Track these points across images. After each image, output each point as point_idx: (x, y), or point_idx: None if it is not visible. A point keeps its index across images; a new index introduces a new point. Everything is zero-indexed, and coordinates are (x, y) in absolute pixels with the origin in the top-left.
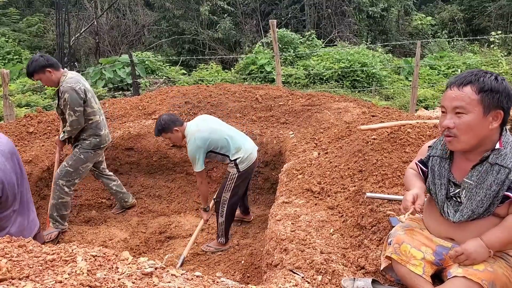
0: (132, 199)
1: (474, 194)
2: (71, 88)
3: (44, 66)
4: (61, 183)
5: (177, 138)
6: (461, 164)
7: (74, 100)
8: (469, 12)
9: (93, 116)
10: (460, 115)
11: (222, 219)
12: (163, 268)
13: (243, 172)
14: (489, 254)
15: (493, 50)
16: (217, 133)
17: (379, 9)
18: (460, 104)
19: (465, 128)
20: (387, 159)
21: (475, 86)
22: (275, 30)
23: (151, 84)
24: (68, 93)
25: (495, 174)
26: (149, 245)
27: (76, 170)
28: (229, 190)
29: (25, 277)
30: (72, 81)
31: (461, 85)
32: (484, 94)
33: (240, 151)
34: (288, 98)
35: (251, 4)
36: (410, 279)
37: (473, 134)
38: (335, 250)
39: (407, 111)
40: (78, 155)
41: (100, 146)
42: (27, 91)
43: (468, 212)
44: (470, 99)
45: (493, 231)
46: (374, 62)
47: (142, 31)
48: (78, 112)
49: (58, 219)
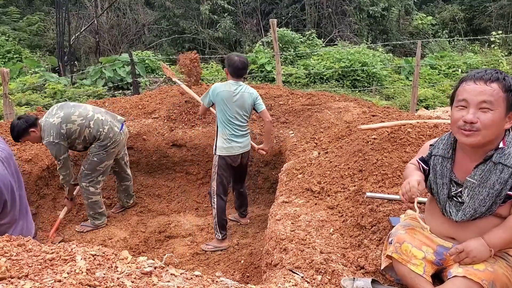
0: (134, 201)
1: (477, 193)
2: (49, 142)
3: (26, 128)
4: (84, 185)
5: None
6: (463, 164)
7: (57, 152)
8: (469, 12)
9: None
10: (486, 111)
11: (215, 211)
12: (163, 267)
13: (222, 159)
14: (490, 253)
15: (494, 50)
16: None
17: (380, 8)
18: (489, 99)
19: (489, 124)
20: (387, 158)
21: (502, 83)
22: (276, 29)
23: (151, 83)
24: (49, 147)
25: (498, 173)
26: (149, 245)
27: (94, 171)
28: (214, 178)
29: (24, 276)
30: (46, 134)
31: (489, 81)
32: (510, 93)
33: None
34: (288, 97)
35: (251, 3)
36: (411, 279)
37: (493, 130)
38: (334, 250)
39: (407, 111)
40: (91, 158)
41: (111, 147)
42: (27, 90)
43: (471, 211)
44: (498, 96)
45: (495, 230)
46: (374, 61)
47: (142, 30)
48: (63, 160)
49: (95, 216)
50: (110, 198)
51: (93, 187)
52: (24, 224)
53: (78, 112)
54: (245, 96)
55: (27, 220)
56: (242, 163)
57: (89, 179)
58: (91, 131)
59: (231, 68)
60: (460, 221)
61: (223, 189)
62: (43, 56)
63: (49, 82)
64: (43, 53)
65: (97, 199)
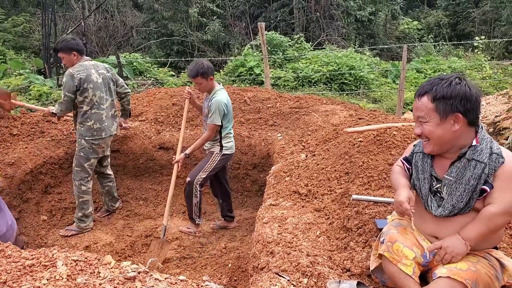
0: (120, 204)
1: (454, 189)
2: (69, 73)
3: (74, 49)
4: (77, 183)
5: (207, 86)
6: (440, 161)
7: (66, 85)
8: (453, 18)
9: (84, 105)
10: (423, 123)
11: (197, 200)
12: (147, 272)
13: (224, 157)
14: (466, 247)
15: (477, 55)
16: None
17: (367, 13)
18: (420, 114)
19: (428, 133)
20: (373, 161)
21: (430, 95)
22: (264, 32)
23: (139, 86)
24: (65, 78)
25: (472, 169)
26: (135, 249)
27: (83, 169)
28: (207, 170)
29: (2, 283)
30: (75, 68)
31: (420, 96)
32: (437, 102)
33: (230, 137)
34: (276, 100)
35: (240, 7)
36: (400, 279)
37: (436, 138)
38: (321, 253)
39: (394, 114)
40: (78, 153)
41: (95, 142)
42: (11, 92)
43: (449, 207)
44: (427, 108)
45: (470, 224)
46: (361, 65)
47: (131, 32)
48: (67, 98)
49: (81, 218)
50: (95, 201)
51: (85, 186)
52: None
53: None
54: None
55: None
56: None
57: (80, 176)
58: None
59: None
60: (440, 216)
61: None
62: (28, 57)
63: (34, 84)
64: (28, 54)
65: (87, 198)
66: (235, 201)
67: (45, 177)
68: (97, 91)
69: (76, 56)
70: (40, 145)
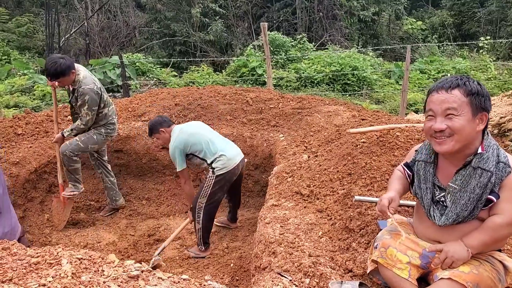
0: (123, 200)
1: (458, 198)
2: (91, 90)
3: (71, 67)
4: (69, 154)
5: (164, 138)
6: (445, 169)
7: (94, 101)
8: (458, 18)
9: (105, 108)
10: (452, 117)
11: (199, 226)
12: (150, 271)
13: (220, 177)
14: (468, 253)
15: (482, 55)
16: (195, 137)
17: (370, 13)
18: (452, 106)
19: (459, 128)
20: (376, 162)
21: (462, 89)
22: (267, 33)
23: (142, 86)
24: (89, 95)
25: (478, 178)
26: (138, 248)
27: (85, 147)
28: (205, 195)
29: (8, 280)
30: (89, 82)
31: (450, 88)
32: (472, 96)
33: (218, 156)
34: (278, 101)
35: (243, 7)
36: (396, 283)
37: (465, 135)
38: (323, 253)
39: (397, 115)
40: (92, 134)
41: (111, 134)
42: (15, 92)
43: (453, 216)
44: (461, 101)
45: (474, 232)
46: (365, 65)
47: (133, 32)
48: (94, 111)
49: (77, 179)
50: (99, 201)
51: (76, 157)
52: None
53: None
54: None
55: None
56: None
57: (76, 152)
58: (107, 112)
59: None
60: (443, 226)
61: (215, 206)
62: (32, 58)
63: (38, 84)
64: (32, 55)
65: (78, 166)
66: None
67: (49, 176)
68: (104, 90)
69: (74, 74)
70: (45, 145)
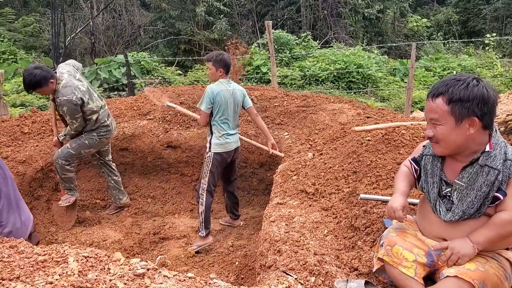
0: (127, 199)
1: (465, 195)
2: (67, 101)
3: (48, 77)
4: (61, 162)
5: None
6: (452, 165)
7: (73, 111)
8: (464, 15)
9: (92, 115)
10: (436, 126)
11: (203, 208)
12: (156, 269)
13: (218, 155)
14: (474, 250)
15: (488, 52)
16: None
17: (375, 10)
18: (434, 116)
19: (441, 137)
20: (381, 160)
21: (445, 97)
22: (271, 31)
23: (147, 85)
24: (66, 106)
25: (485, 176)
26: (143, 246)
27: (77, 154)
28: (206, 176)
29: (16, 278)
30: (67, 92)
31: (434, 97)
32: (453, 104)
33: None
34: (283, 99)
35: (247, 5)
36: (402, 281)
37: (450, 142)
38: (328, 252)
39: (402, 113)
40: (83, 140)
41: (106, 136)
42: (22, 91)
43: (459, 212)
44: (442, 111)
45: (480, 229)
46: (369, 63)
47: (138, 31)
48: (79, 118)
49: (71, 188)
50: (104, 199)
51: (69, 166)
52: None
53: (95, 95)
54: (237, 93)
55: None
56: (233, 158)
57: (69, 160)
58: (96, 118)
59: (226, 66)
60: (449, 222)
61: (213, 186)
62: (38, 57)
63: None
64: (38, 54)
65: (72, 175)
66: (242, 200)
67: (56, 174)
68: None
69: (53, 83)
70: (51, 143)
